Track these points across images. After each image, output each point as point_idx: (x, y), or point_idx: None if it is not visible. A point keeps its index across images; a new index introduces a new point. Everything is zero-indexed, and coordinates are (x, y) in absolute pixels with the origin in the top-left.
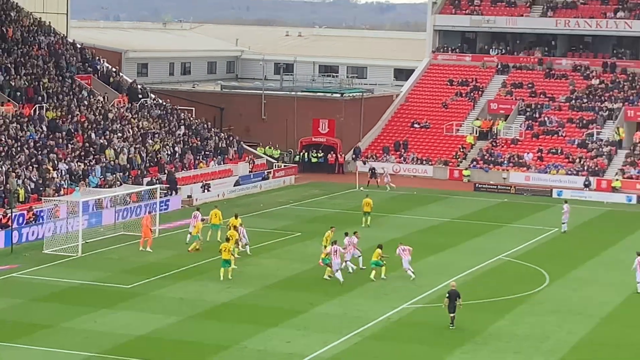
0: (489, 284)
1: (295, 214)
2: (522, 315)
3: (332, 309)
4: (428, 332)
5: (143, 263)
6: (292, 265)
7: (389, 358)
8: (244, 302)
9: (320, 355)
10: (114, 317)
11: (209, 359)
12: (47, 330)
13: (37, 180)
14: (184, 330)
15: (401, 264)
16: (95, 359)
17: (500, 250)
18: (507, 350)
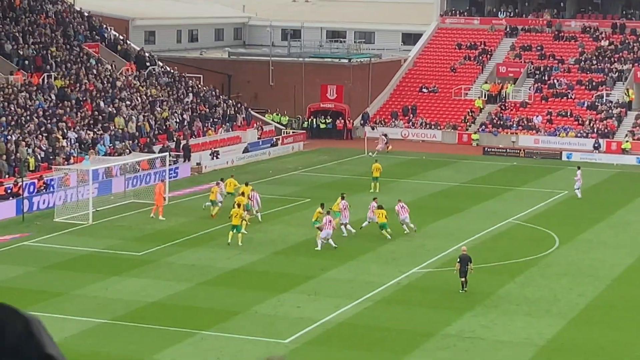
0: (498, 248)
1: (304, 180)
2: (532, 278)
3: (342, 274)
4: (438, 295)
5: (153, 230)
6: (302, 231)
7: (400, 322)
8: (254, 268)
9: (331, 320)
10: (125, 284)
11: (220, 325)
12: (59, 298)
13: (46, 149)
14: (194, 296)
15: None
16: (107, 326)
17: (509, 213)
18: (518, 313)
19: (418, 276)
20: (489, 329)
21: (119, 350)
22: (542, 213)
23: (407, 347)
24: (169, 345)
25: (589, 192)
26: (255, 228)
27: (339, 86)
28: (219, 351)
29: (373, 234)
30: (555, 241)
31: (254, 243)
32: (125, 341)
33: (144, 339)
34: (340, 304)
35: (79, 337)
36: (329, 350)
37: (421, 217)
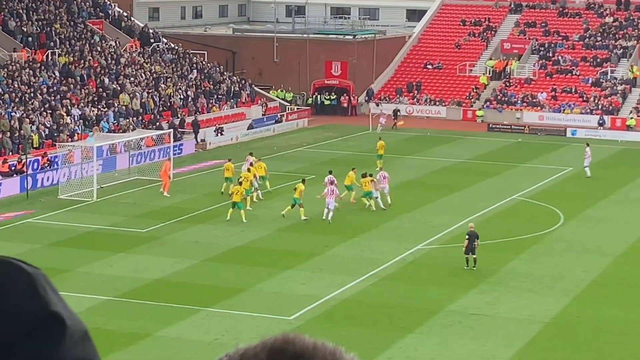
0: (503, 224)
1: (308, 156)
2: (537, 255)
3: (347, 251)
4: (443, 272)
5: (158, 207)
6: (306, 207)
7: (405, 299)
8: (259, 246)
9: (337, 297)
10: (130, 261)
11: (225, 302)
12: (64, 275)
13: (50, 126)
14: (199, 273)
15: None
16: (112, 303)
17: (514, 190)
18: (522, 289)
19: (423, 253)
20: (493, 305)
21: (124, 327)
22: (546, 190)
23: (411, 324)
24: (174, 322)
25: (594, 169)
26: (259, 204)
27: (343, 62)
28: (223, 328)
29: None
30: (560, 218)
31: (258, 220)
32: (130, 318)
33: (149, 315)
34: (345, 280)
35: (84, 315)
36: (333, 327)
37: (426, 193)
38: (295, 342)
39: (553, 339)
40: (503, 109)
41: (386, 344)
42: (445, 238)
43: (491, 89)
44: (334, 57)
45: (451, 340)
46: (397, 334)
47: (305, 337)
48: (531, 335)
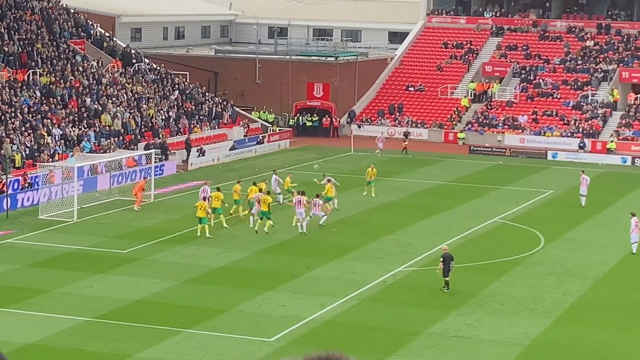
0: (484, 246)
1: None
2: (518, 277)
3: (328, 272)
4: (424, 294)
5: (138, 228)
6: (287, 229)
7: (386, 320)
8: (240, 266)
9: (317, 318)
10: (110, 282)
11: (205, 323)
12: (44, 295)
13: (31, 146)
14: (180, 294)
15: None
16: (91, 324)
17: (495, 212)
18: (503, 312)
19: (404, 274)
20: (474, 327)
21: (103, 348)
22: (527, 212)
23: (392, 346)
24: (154, 343)
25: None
26: (240, 226)
27: (325, 84)
28: (203, 349)
29: (359, 231)
30: (541, 240)
31: (240, 241)
32: (110, 339)
33: (129, 337)
34: (326, 302)
35: (63, 335)
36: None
37: (407, 215)
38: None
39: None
40: (484, 131)
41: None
42: (426, 260)
43: (472, 111)
44: (316, 78)
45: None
46: (378, 356)
47: (349, 358)
48: (512, 358)
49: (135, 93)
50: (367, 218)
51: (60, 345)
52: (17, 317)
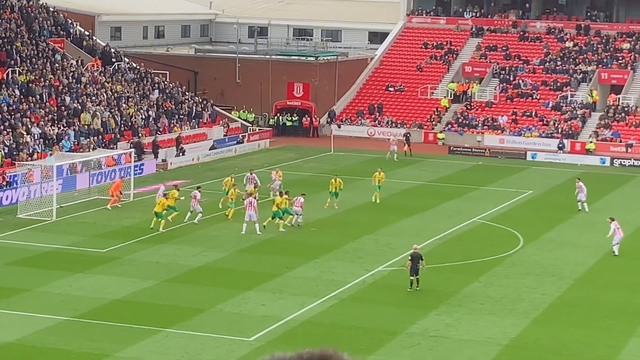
0: (463, 247)
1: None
2: (497, 277)
3: (308, 272)
4: (403, 294)
5: (118, 227)
6: (268, 229)
7: (365, 320)
8: (219, 266)
9: (296, 318)
10: (89, 281)
11: (184, 323)
12: (23, 295)
13: (10, 145)
14: (159, 293)
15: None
16: (70, 323)
17: (474, 212)
18: (482, 312)
19: (383, 274)
20: (453, 327)
21: (82, 348)
22: (506, 212)
23: (372, 346)
24: (133, 342)
25: (553, 191)
26: (220, 225)
27: (305, 84)
28: (183, 349)
29: (338, 232)
30: (520, 240)
31: (219, 240)
32: (89, 339)
33: (108, 336)
34: (305, 302)
35: (42, 334)
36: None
37: (387, 215)
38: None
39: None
40: (464, 131)
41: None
42: (406, 260)
43: (452, 111)
44: (296, 78)
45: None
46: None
47: (342, 357)
48: (490, 357)
49: (114, 92)
50: (347, 218)
51: (39, 344)
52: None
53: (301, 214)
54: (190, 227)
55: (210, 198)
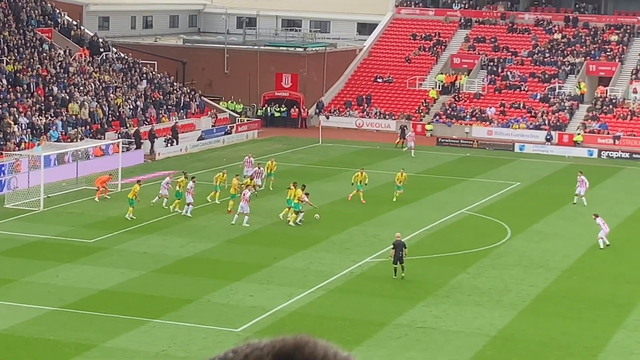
0: (451, 238)
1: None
2: (484, 269)
3: (296, 263)
4: (391, 285)
5: (105, 217)
6: (255, 219)
7: (353, 311)
8: (207, 257)
9: (284, 309)
10: (76, 271)
11: (172, 313)
12: (10, 285)
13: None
14: (147, 284)
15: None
16: (58, 313)
17: (462, 204)
18: (469, 303)
19: (371, 266)
20: (440, 319)
21: (69, 338)
22: (494, 204)
23: (359, 337)
24: (121, 333)
25: (541, 183)
26: (208, 216)
27: (293, 75)
28: (170, 339)
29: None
30: (507, 232)
31: (207, 231)
32: (76, 329)
33: (95, 326)
34: (293, 292)
35: (28, 324)
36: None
37: (375, 206)
38: (304, 350)
39: (500, 352)
40: (452, 123)
41: None
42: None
43: (440, 103)
44: (285, 69)
45: (398, 353)
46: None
47: (317, 344)
48: (478, 349)
49: (102, 82)
50: (335, 209)
51: (26, 334)
52: None
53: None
54: (179, 218)
55: (202, 189)
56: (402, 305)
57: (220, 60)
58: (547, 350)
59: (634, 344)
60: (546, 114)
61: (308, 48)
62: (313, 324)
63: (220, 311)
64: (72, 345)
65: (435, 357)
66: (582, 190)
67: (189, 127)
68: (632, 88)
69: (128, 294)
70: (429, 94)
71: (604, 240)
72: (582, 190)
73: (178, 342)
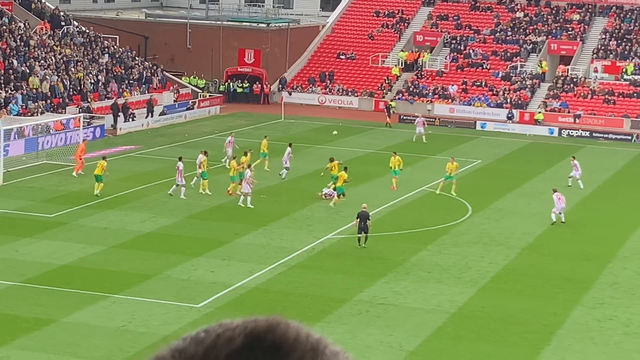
0: (412, 215)
1: (220, 144)
2: (445, 246)
3: (257, 239)
4: (352, 262)
5: (66, 192)
6: (217, 195)
7: (314, 287)
8: (168, 232)
9: (245, 285)
10: (36, 246)
11: (133, 289)
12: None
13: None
14: (107, 259)
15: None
16: (17, 288)
17: (424, 181)
18: (430, 280)
19: (332, 242)
20: (401, 295)
21: (28, 313)
22: (455, 182)
23: (320, 313)
24: (80, 308)
25: (502, 161)
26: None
27: (256, 50)
28: (130, 315)
29: (288, 198)
30: (468, 210)
31: (169, 206)
32: (36, 303)
33: (55, 301)
34: (254, 269)
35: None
36: (242, 316)
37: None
38: (276, 331)
39: (459, 328)
40: (414, 100)
41: None
42: (354, 228)
43: (403, 80)
44: (247, 44)
45: (359, 329)
46: (305, 323)
47: (289, 325)
48: (437, 325)
49: (63, 56)
50: (296, 185)
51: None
52: None
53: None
54: (140, 193)
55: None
56: (363, 281)
57: (183, 35)
58: (505, 327)
59: (591, 320)
60: (508, 92)
61: (271, 24)
62: (274, 300)
63: (180, 287)
64: (31, 320)
65: (395, 334)
66: (577, 174)
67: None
68: (593, 67)
69: (88, 269)
70: (391, 71)
71: (558, 216)
72: (577, 174)
73: (138, 317)
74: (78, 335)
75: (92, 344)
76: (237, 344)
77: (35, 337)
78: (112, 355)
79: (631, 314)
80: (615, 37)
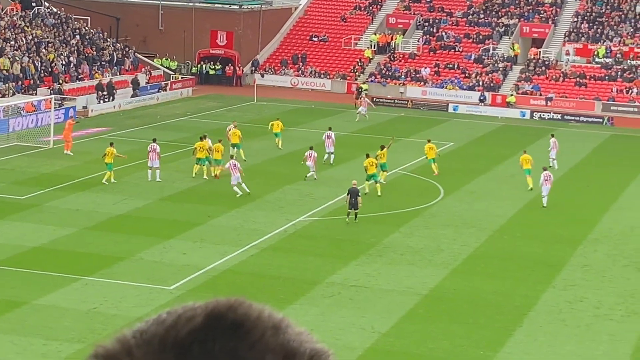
0: (384, 197)
1: (192, 125)
2: (417, 228)
3: (229, 221)
4: (324, 244)
5: (37, 174)
6: (189, 177)
7: (286, 270)
8: (140, 214)
9: (217, 267)
10: (7, 228)
11: (104, 271)
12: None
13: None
14: (79, 241)
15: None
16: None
17: (396, 164)
18: (401, 262)
19: (305, 224)
20: (373, 277)
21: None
22: (428, 164)
23: (292, 295)
24: (52, 290)
25: (474, 144)
26: (141, 174)
27: (229, 32)
28: (102, 297)
29: (261, 180)
30: (440, 192)
31: (140, 188)
32: (7, 286)
33: (26, 283)
34: (227, 251)
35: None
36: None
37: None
38: (237, 310)
39: (431, 310)
40: (387, 83)
41: None
42: (327, 210)
43: (376, 62)
44: (220, 26)
45: (331, 311)
46: (277, 305)
47: (252, 305)
48: (409, 307)
49: (34, 37)
50: (269, 168)
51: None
52: None
53: (314, 170)
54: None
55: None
56: (335, 264)
57: (155, 17)
58: (477, 309)
59: (562, 302)
60: (480, 75)
61: (244, 5)
62: (246, 282)
63: (153, 269)
64: (2, 302)
65: (367, 315)
66: (553, 153)
67: (123, 84)
68: (565, 50)
69: (60, 251)
70: (364, 54)
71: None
72: (553, 153)
73: (110, 299)
74: (49, 318)
75: (64, 325)
76: (197, 322)
77: (7, 319)
78: (83, 337)
79: (601, 296)
80: (587, 20)
